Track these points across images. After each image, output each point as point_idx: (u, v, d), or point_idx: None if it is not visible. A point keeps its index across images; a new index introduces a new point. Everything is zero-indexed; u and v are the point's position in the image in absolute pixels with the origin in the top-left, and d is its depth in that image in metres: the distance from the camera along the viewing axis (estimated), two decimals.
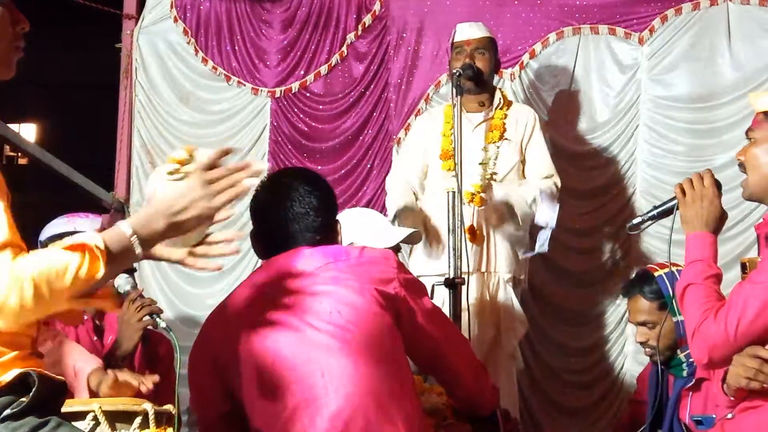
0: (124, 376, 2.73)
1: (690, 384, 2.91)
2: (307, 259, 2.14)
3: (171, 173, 1.74)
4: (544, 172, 3.89)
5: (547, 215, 3.72)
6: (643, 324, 3.02)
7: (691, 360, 2.86)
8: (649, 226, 2.57)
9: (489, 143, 3.86)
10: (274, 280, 2.14)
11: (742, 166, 2.35)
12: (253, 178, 1.73)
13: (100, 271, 1.57)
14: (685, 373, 2.95)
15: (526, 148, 3.92)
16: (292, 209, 2.20)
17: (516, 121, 3.92)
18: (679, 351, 2.95)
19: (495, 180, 3.84)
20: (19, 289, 1.51)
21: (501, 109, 3.92)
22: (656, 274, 3.00)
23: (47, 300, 1.53)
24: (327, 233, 2.23)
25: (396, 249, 3.00)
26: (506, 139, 3.88)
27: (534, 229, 3.87)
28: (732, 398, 2.26)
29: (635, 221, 2.57)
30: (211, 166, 1.70)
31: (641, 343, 3.05)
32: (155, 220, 1.65)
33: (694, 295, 2.26)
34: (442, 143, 3.88)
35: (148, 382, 2.71)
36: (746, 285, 2.19)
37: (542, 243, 3.73)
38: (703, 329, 2.19)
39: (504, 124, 3.89)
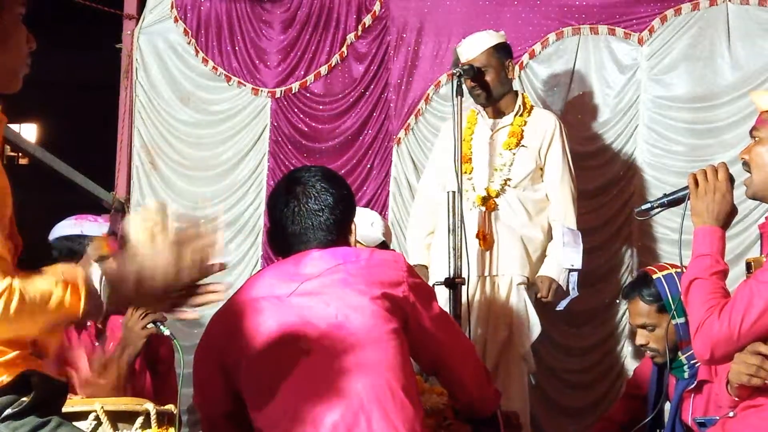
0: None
1: (692, 386, 2.90)
2: (316, 261, 2.14)
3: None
4: (556, 181, 3.88)
5: (573, 258, 3.73)
6: (642, 327, 2.99)
7: (692, 362, 2.86)
8: (658, 213, 2.53)
9: (505, 149, 3.87)
10: (279, 282, 2.14)
11: (746, 165, 2.34)
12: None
13: (80, 311, 1.55)
14: (686, 375, 2.94)
15: (545, 156, 3.92)
16: (306, 205, 2.20)
17: (535, 129, 3.92)
18: (680, 353, 2.93)
19: (509, 185, 3.86)
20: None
21: (521, 115, 3.93)
22: (655, 276, 2.97)
23: (18, 320, 1.51)
24: (340, 233, 2.22)
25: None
26: (523, 146, 3.88)
27: None
28: (736, 398, 2.25)
29: (644, 207, 2.53)
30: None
31: (641, 346, 3.03)
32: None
33: (699, 290, 2.25)
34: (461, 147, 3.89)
35: None
36: (751, 283, 2.19)
37: (573, 287, 3.76)
38: (706, 326, 2.18)
39: (522, 131, 3.89)
